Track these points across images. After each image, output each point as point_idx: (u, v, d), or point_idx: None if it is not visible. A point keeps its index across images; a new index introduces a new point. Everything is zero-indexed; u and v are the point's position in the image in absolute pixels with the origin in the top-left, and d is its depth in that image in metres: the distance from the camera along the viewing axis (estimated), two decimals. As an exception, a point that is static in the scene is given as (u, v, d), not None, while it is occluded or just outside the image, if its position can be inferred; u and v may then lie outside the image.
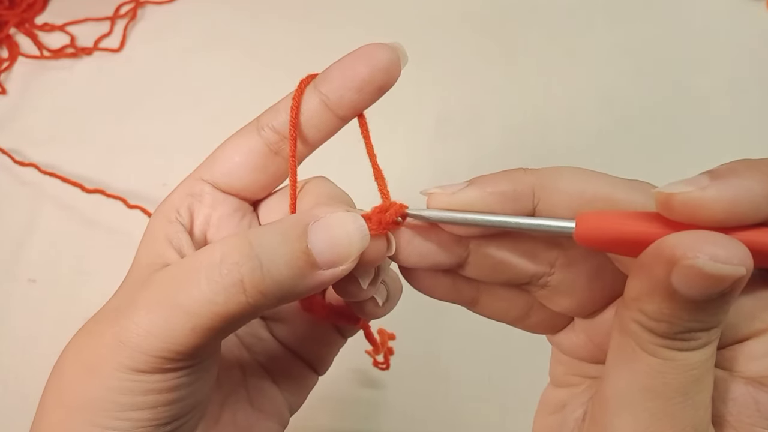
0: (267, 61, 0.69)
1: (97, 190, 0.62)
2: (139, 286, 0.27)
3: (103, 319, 0.27)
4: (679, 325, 0.22)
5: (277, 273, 0.25)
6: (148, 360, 0.25)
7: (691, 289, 0.21)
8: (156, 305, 0.26)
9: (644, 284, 0.22)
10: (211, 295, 0.25)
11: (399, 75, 0.29)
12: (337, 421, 0.54)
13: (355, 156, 0.31)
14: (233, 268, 0.25)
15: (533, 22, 0.72)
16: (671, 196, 0.22)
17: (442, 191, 0.26)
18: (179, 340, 0.25)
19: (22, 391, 0.55)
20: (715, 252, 0.20)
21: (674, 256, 0.21)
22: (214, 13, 0.73)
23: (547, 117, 0.67)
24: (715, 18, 0.72)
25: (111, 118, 0.67)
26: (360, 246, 0.26)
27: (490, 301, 0.30)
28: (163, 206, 0.31)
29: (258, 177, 0.31)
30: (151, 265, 0.28)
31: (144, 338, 0.25)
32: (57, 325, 0.57)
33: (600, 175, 0.26)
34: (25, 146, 0.65)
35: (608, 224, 0.23)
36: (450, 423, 0.54)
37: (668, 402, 0.23)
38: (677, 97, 0.68)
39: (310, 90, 0.29)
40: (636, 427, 0.23)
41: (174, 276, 0.26)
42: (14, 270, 0.59)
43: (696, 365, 0.23)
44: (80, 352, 0.27)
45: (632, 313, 0.23)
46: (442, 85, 0.68)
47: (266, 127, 0.30)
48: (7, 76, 0.69)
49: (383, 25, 0.72)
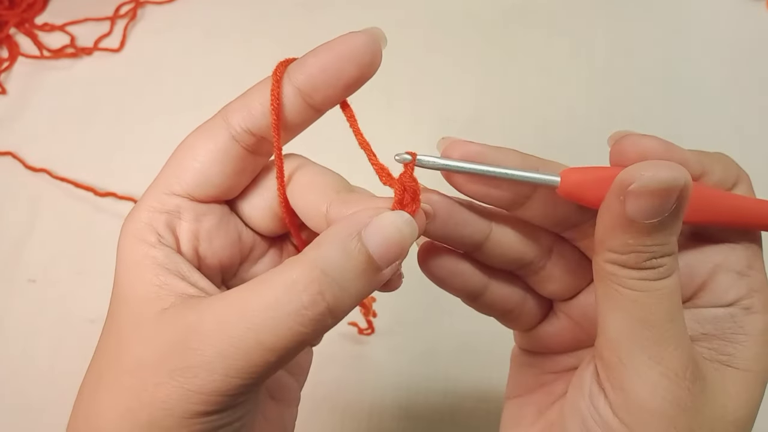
0: (267, 61, 0.68)
1: (110, 194, 0.61)
2: (176, 326, 0.26)
3: (146, 369, 0.25)
4: (644, 252, 0.25)
5: (352, 288, 0.25)
6: (224, 399, 0.25)
7: (644, 211, 0.25)
8: (229, 349, 0.24)
9: (607, 223, 0.26)
10: (299, 328, 0.25)
11: (380, 63, 0.28)
12: (337, 423, 0.54)
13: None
14: (317, 298, 0.25)
15: (533, 22, 0.72)
16: (624, 137, 0.28)
17: (461, 140, 0.29)
18: (260, 374, 0.25)
19: (23, 391, 0.55)
20: (656, 171, 0.24)
21: (624, 184, 0.25)
22: (214, 13, 0.73)
23: (547, 117, 0.67)
24: (715, 18, 0.72)
25: (111, 118, 0.67)
26: (412, 238, 0.27)
27: (495, 290, 0.32)
28: (133, 229, 0.28)
29: (235, 179, 0.29)
30: (156, 299, 0.26)
31: (221, 382, 0.24)
32: (57, 325, 0.57)
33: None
34: (24, 146, 0.65)
35: (588, 174, 0.27)
36: (450, 423, 0.54)
37: (663, 329, 0.26)
38: (677, 97, 0.68)
39: (285, 83, 0.28)
40: (649, 353, 0.26)
41: (241, 314, 0.25)
42: (14, 270, 0.59)
43: (672, 291, 0.26)
44: (130, 410, 0.25)
45: (604, 255, 0.26)
46: (442, 85, 0.68)
47: (239, 128, 0.28)
48: (7, 76, 0.69)
49: (384, 25, 0.71)
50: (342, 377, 0.55)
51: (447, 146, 0.29)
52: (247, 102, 0.29)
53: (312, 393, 0.36)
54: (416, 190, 0.28)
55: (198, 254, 0.29)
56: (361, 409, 0.55)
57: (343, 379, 0.55)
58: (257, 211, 0.31)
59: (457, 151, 0.29)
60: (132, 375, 0.26)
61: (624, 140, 0.28)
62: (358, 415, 0.54)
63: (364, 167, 0.29)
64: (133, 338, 0.26)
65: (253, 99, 0.28)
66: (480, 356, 0.56)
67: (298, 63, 0.28)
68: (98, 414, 0.26)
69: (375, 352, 0.56)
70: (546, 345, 0.34)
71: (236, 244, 0.31)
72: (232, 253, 0.30)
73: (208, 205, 0.29)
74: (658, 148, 0.27)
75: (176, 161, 0.29)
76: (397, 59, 0.68)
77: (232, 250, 0.30)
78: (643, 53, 0.70)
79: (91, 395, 0.27)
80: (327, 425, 0.54)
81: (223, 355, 0.24)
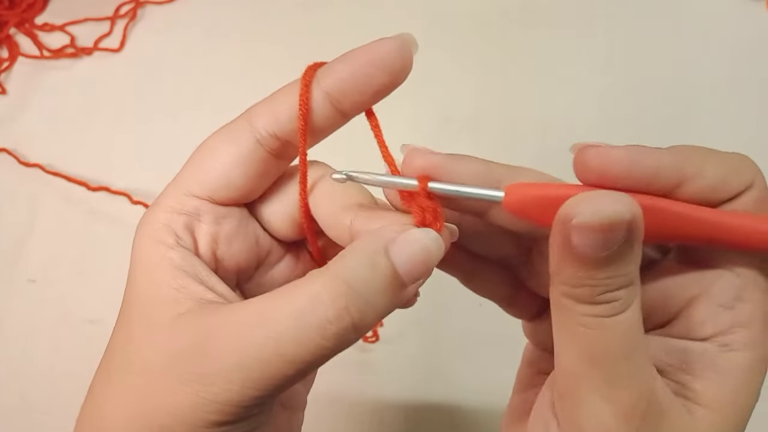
0: (267, 61, 0.69)
1: (102, 188, 0.62)
2: (192, 331, 0.25)
3: (157, 373, 0.25)
4: (597, 286, 0.24)
5: (377, 303, 0.25)
6: (239, 411, 0.24)
7: (590, 246, 0.23)
8: (248, 359, 0.24)
9: (556, 254, 0.24)
10: (322, 342, 0.24)
11: (411, 68, 0.27)
12: (336, 424, 0.54)
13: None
14: (343, 313, 0.24)
15: (533, 22, 0.72)
16: (587, 147, 0.25)
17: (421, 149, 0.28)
18: (277, 387, 0.24)
19: (23, 391, 0.55)
20: (596, 206, 0.22)
21: (567, 218, 0.23)
22: (214, 13, 0.73)
23: (547, 117, 0.67)
24: (715, 18, 0.72)
25: (111, 118, 0.67)
26: (439, 256, 0.26)
27: (484, 277, 0.32)
28: (150, 229, 0.28)
29: (257, 183, 0.29)
30: (173, 302, 0.26)
31: (237, 392, 0.24)
32: (57, 325, 0.57)
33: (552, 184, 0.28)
34: (24, 146, 0.65)
35: (531, 191, 0.26)
36: (450, 423, 0.54)
37: (615, 367, 0.24)
38: (677, 97, 0.68)
39: (313, 87, 0.27)
40: (602, 394, 0.24)
41: (263, 324, 0.24)
42: (14, 270, 0.59)
43: (629, 327, 0.24)
44: (140, 414, 0.25)
45: (557, 287, 0.25)
46: (443, 85, 0.68)
47: (264, 132, 0.28)
48: (7, 76, 0.69)
49: (384, 25, 0.72)
50: (345, 380, 0.55)
51: (407, 154, 0.28)
52: (274, 105, 0.28)
53: (316, 396, 0.36)
54: (436, 210, 0.27)
55: (216, 257, 0.29)
56: (363, 412, 0.55)
57: (346, 381, 0.55)
58: (276, 216, 0.30)
59: (417, 161, 0.28)
60: (141, 377, 0.25)
61: (585, 152, 0.25)
62: (360, 417, 0.54)
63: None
64: (145, 340, 0.26)
65: (280, 102, 0.28)
66: (483, 359, 0.56)
67: (328, 67, 0.28)
68: (104, 416, 0.26)
69: (378, 357, 0.56)
70: (541, 341, 0.34)
71: (254, 248, 0.30)
72: (249, 257, 0.30)
73: (228, 208, 0.29)
74: (623, 159, 0.25)
75: (197, 162, 0.29)
76: (397, 59, 0.68)
77: (249, 253, 0.30)
78: (642, 53, 0.70)
79: (99, 396, 0.27)
80: (330, 428, 0.54)
81: (241, 364, 0.24)
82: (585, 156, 0.25)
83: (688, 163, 0.25)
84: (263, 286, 0.32)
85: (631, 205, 0.23)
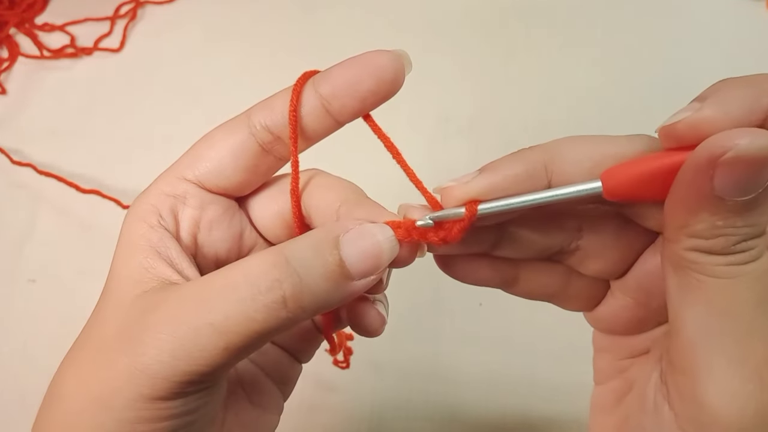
0: (267, 61, 0.69)
1: (93, 191, 0.62)
2: (144, 307, 0.26)
3: (106, 345, 0.26)
4: (734, 235, 0.22)
5: (315, 287, 0.25)
6: (171, 386, 0.24)
7: (739, 186, 0.21)
8: (181, 327, 0.24)
9: (689, 206, 0.23)
10: (251, 312, 0.24)
11: (403, 83, 0.28)
12: (337, 424, 0.54)
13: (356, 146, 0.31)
14: (275, 284, 0.24)
15: (533, 22, 0.72)
16: (673, 126, 0.23)
17: (456, 183, 0.27)
18: (208, 361, 0.24)
19: (22, 391, 0.55)
20: (753, 137, 0.21)
21: (714, 155, 0.21)
22: (214, 13, 0.73)
23: (547, 117, 0.67)
24: (715, 18, 0.72)
25: (111, 118, 0.67)
26: (390, 256, 0.26)
27: (530, 278, 0.31)
28: (138, 209, 0.29)
29: (247, 176, 0.30)
30: (139, 281, 0.27)
31: (168, 364, 0.24)
32: (57, 325, 0.57)
33: (598, 137, 0.27)
34: (25, 146, 0.65)
35: (632, 171, 0.24)
36: (450, 423, 0.54)
37: (751, 319, 0.23)
38: (677, 97, 0.68)
39: (309, 90, 0.28)
40: (731, 355, 0.23)
41: (201, 294, 0.25)
42: (14, 270, 0.59)
43: (762, 275, 0.23)
44: (85, 383, 0.26)
45: (684, 243, 0.23)
46: (442, 85, 0.68)
47: (258, 125, 0.29)
48: (7, 76, 0.69)
49: (384, 25, 0.72)
50: (345, 380, 0.55)
51: (443, 194, 0.28)
52: (270, 102, 0.29)
53: (317, 396, 0.36)
54: (423, 232, 0.27)
55: (196, 242, 0.29)
56: (363, 412, 0.55)
57: (346, 381, 0.55)
58: (267, 215, 0.31)
59: (455, 199, 0.27)
60: (94, 351, 0.26)
61: (676, 128, 0.23)
62: (360, 416, 0.54)
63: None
64: (108, 316, 0.27)
65: (275, 100, 0.29)
66: (483, 359, 0.56)
67: (323, 74, 0.28)
68: (61, 385, 0.27)
69: (379, 356, 0.56)
70: (611, 326, 0.32)
71: (236, 240, 0.31)
72: (230, 248, 0.31)
73: (215, 196, 0.30)
74: (718, 123, 0.22)
75: (194, 150, 0.30)
76: (397, 59, 0.68)
77: (230, 244, 0.31)
78: (642, 53, 0.70)
79: (59, 373, 0.27)
80: (331, 428, 0.54)
81: (174, 334, 0.24)
82: (677, 134, 0.23)
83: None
84: None
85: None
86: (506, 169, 0.26)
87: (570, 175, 0.26)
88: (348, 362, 0.52)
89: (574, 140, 0.27)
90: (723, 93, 0.23)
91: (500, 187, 0.26)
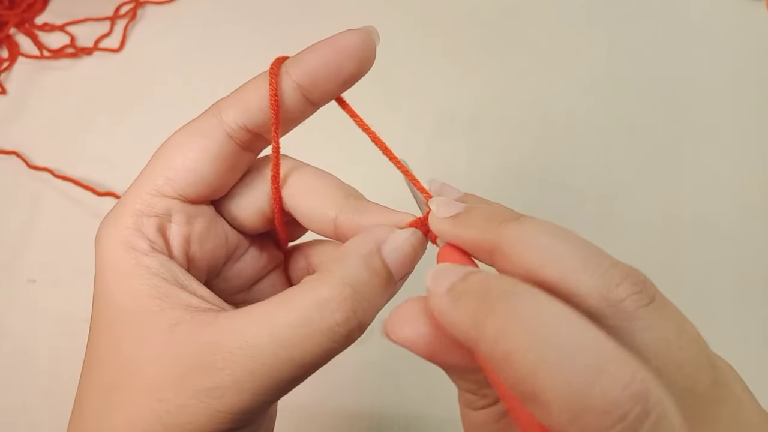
0: (267, 62, 0.69)
1: (109, 193, 0.62)
2: (195, 345, 0.24)
3: (161, 389, 0.24)
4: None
5: (379, 303, 0.26)
6: (250, 417, 0.25)
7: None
8: (259, 366, 0.24)
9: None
10: (331, 344, 0.25)
11: (374, 60, 0.28)
12: (337, 423, 0.54)
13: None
14: (351, 315, 0.25)
15: (534, 21, 0.72)
16: (431, 215, 0.27)
17: (438, 212, 0.27)
18: (284, 392, 0.25)
19: (23, 392, 0.55)
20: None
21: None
22: (214, 14, 0.73)
23: (547, 117, 0.67)
24: (715, 18, 0.72)
25: (111, 118, 0.67)
26: (422, 253, 0.28)
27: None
28: (117, 233, 0.27)
29: (227, 177, 0.29)
30: (162, 312, 0.25)
31: (250, 401, 0.24)
32: (57, 325, 0.57)
33: (566, 249, 0.22)
34: (24, 146, 0.65)
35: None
36: (450, 422, 0.54)
37: None
38: (677, 97, 0.68)
39: (282, 75, 0.28)
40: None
41: (270, 333, 0.24)
42: (14, 270, 0.59)
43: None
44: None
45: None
46: (442, 85, 0.68)
47: (234, 125, 0.28)
48: (7, 76, 0.69)
49: (383, 25, 0.72)
50: (345, 379, 0.55)
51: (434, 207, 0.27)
52: (243, 98, 0.28)
53: (317, 395, 0.36)
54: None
55: (188, 257, 0.29)
56: (363, 412, 0.55)
57: (346, 381, 0.55)
58: (245, 211, 0.30)
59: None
60: (150, 396, 0.24)
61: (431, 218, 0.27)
62: (361, 416, 0.54)
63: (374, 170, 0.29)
64: (144, 357, 0.25)
65: (248, 95, 0.28)
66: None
67: (296, 59, 0.28)
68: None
69: (379, 357, 0.56)
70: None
71: (223, 244, 0.31)
72: (220, 254, 0.30)
73: (199, 207, 0.29)
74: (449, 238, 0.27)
75: (163, 160, 0.28)
76: (396, 59, 0.68)
77: (220, 250, 0.30)
78: (642, 53, 0.70)
79: (100, 416, 0.26)
80: (331, 427, 0.54)
81: (252, 374, 0.24)
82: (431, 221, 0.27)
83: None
84: (230, 280, 0.32)
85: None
86: (467, 229, 0.25)
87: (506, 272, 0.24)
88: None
89: (535, 246, 0.22)
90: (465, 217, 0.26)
91: (454, 237, 0.26)
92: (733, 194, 0.63)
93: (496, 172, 0.63)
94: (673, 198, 0.62)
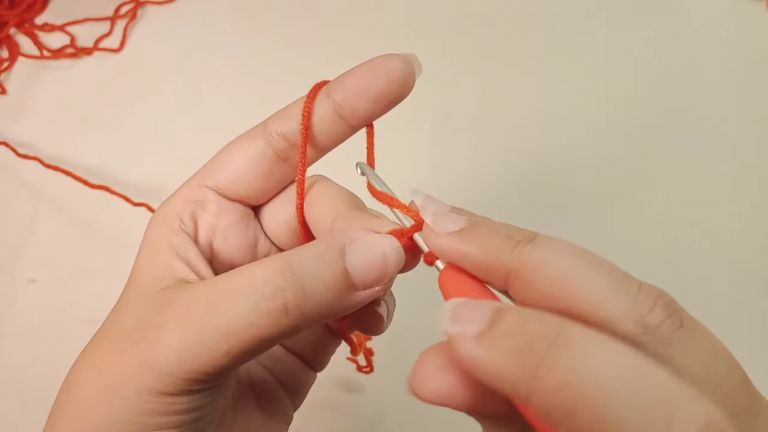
0: (267, 62, 0.69)
1: (102, 186, 0.62)
2: (158, 304, 0.26)
3: (121, 338, 0.27)
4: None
5: (318, 296, 0.25)
6: (177, 382, 0.25)
7: None
8: (189, 326, 0.25)
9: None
10: (253, 318, 0.24)
11: (413, 86, 0.29)
12: (337, 423, 0.54)
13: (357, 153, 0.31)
14: (277, 292, 0.25)
15: (534, 23, 0.72)
16: (427, 229, 0.25)
17: (437, 225, 0.24)
18: (212, 362, 0.25)
19: (22, 391, 0.55)
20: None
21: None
22: (214, 14, 0.73)
23: (547, 117, 0.67)
24: (715, 18, 0.72)
25: (111, 118, 0.67)
26: (396, 267, 0.26)
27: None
28: (163, 213, 0.30)
29: (264, 183, 0.30)
30: (160, 279, 0.28)
31: (175, 361, 0.25)
32: (57, 325, 0.57)
33: (593, 273, 0.21)
34: (24, 146, 0.65)
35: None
36: (450, 423, 0.54)
37: None
38: (677, 97, 0.68)
39: (322, 97, 0.29)
40: None
41: (208, 297, 0.26)
42: (14, 270, 0.59)
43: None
44: (98, 373, 0.26)
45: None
46: (442, 85, 0.68)
47: (275, 133, 0.29)
48: (7, 76, 0.69)
49: (383, 25, 0.72)
50: (345, 379, 0.55)
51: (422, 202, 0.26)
52: (286, 111, 0.30)
53: (318, 395, 0.37)
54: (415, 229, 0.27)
55: (212, 248, 0.30)
56: (363, 410, 0.55)
57: (346, 381, 0.55)
58: (276, 223, 0.31)
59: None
60: (111, 342, 0.27)
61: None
62: (361, 414, 0.54)
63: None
64: (127, 311, 0.27)
65: (291, 107, 0.30)
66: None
67: (337, 80, 0.29)
68: (76, 373, 0.28)
69: (379, 357, 0.56)
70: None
71: (251, 248, 0.31)
72: (244, 256, 0.31)
73: (232, 203, 0.30)
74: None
75: (216, 159, 0.31)
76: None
77: (245, 252, 0.31)
78: (642, 53, 0.70)
79: (79, 359, 0.28)
80: (332, 427, 0.54)
81: (181, 333, 0.25)
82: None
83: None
84: None
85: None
86: (474, 247, 0.23)
87: (526, 303, 0.22)
88: (371, 366, 0.48)
89: (554, 269, 0.21)
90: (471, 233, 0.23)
91: (460, 258, 0.24)
92: (733, 195, 0.63)
93: (496, 173, 0.63)
94: (673, 198, 0.62)
